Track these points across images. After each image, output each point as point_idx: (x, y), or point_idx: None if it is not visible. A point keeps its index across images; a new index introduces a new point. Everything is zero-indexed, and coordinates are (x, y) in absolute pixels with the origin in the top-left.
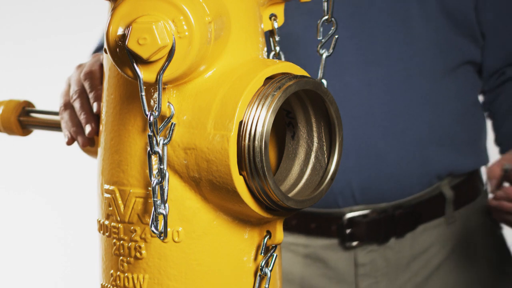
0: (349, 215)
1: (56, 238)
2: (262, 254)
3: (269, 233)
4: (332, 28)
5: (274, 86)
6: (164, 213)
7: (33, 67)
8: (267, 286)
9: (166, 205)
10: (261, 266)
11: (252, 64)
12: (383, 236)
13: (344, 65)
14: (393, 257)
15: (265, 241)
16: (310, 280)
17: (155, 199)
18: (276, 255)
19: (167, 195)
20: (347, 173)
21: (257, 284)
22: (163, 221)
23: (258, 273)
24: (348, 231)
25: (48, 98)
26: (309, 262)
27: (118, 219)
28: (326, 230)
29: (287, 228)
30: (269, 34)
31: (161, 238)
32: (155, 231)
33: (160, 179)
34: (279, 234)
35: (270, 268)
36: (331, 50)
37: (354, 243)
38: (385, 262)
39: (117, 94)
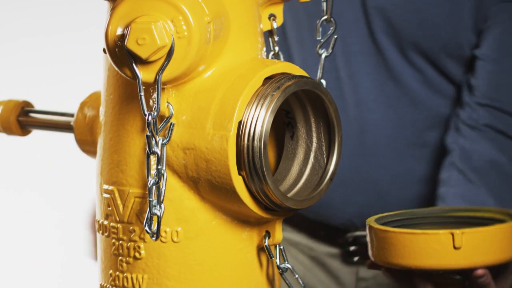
0: (356, 233)
1: (56, 238)
2: (272, 258)
3: (268, 233)
4: (331, 28)
5: (273, 86)
6: (159, 214)
7: (32, 67)
8: (297, 276)
9: (162, 205)
10: (278, 264)
11: (251, 64)
12: None
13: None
14: None
15: (266, 242)
16: (311, 279)
17: (151, 199)
18: (283, 247)
19: (163, 196)
20: (363, 198)
21: (287, 280)
22: (157, 221)
23: (280, 272)
24: (351, 248)
25: (47, 98)
26: (313, 264)
27: (117, 219)
28: (333, 241)
29: (296, 228)
30: (268, 34)
31: (153, 238)
32: (148, 231)
33: (157, 180)
34: (278, 234)
35: (287, 261)
36: (330, 50)
37: (356, 259)
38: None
39: (116, 94)
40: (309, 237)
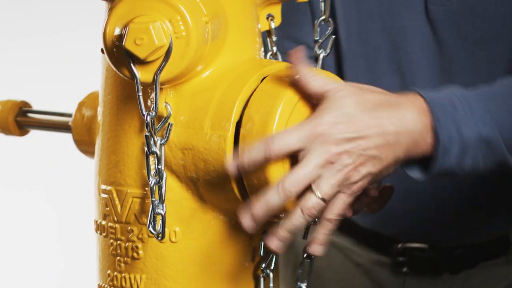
0: (407, 244)
1: (54, 238)
2: (261, 255)
3: (266, 233)
4: (329, 28)
5: None
6: (162, 213)
7: (31, 66)
8: (271, 285)
9: (164, 205)
10: (262, 267)
11: (249, 64)
12: (437, 271)
13: None
14: None
15: (263, 243)
16: (353, 287)
17: (153, 199)
18: (277, 255)
19: (164, 195)
20: (412, 214)
21: (262, 286)
22: (160, 221)
23: (261, 275)
24: (401, 258)
25: (46, 98)
26: (359, 270)
27: (115, 219)
28: (383, 249)
29: (345, 232)
30: (266, 34)
31: (159, 238)
32: (153, 231)
33: (158, 179)
34: None
35: (272, 269)
36: (328, 51)
37: (404, 269)
38: None
39: (114, 94)
40: (357, 243)
